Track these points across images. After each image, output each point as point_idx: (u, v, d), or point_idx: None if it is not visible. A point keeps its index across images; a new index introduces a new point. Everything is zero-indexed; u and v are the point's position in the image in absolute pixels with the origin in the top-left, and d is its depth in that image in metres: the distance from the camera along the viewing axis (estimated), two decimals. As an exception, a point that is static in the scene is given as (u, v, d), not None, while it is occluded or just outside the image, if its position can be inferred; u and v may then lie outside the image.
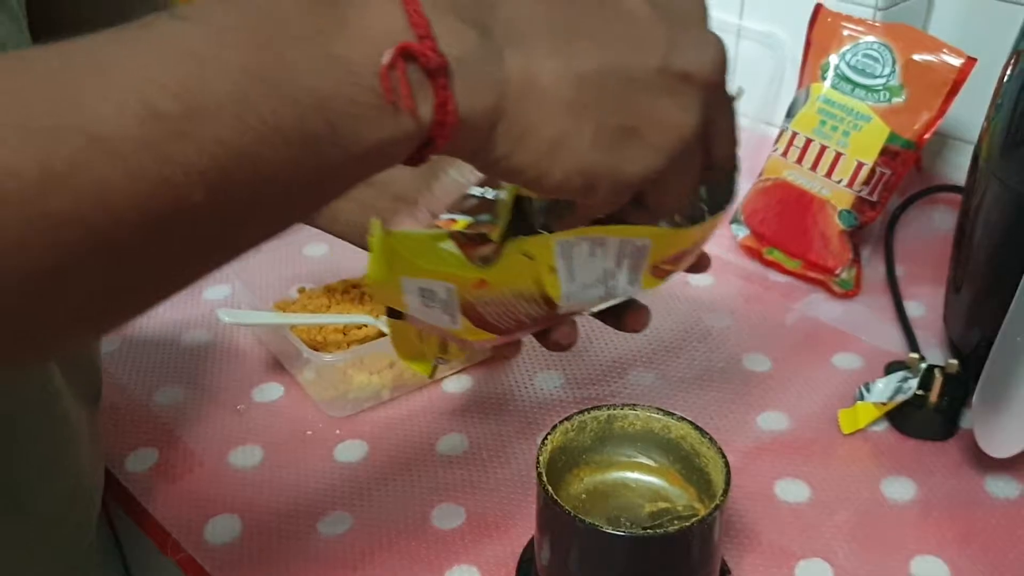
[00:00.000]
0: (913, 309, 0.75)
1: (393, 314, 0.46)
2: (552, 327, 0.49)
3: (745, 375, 0.69)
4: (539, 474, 0.49)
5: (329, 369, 0.65)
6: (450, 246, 0.42)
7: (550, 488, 0.48)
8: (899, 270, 0.79)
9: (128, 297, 0.32)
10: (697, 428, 0.51)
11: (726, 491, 0.48)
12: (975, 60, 0.71)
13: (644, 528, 0.50)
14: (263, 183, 0.30)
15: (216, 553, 0.56)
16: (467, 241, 0.44)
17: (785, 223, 0.78)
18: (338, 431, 0.65)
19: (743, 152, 0.67)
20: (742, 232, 0.81)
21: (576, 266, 0.43)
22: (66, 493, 0.52)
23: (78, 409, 0.53)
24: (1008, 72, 0.59)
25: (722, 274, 0.80)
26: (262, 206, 0.32)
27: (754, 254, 0.81)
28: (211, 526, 0.58)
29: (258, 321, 0.68)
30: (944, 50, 0.72)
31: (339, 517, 0.58)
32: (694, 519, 0.47)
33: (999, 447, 0.57)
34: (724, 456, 0.50)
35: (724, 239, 0.83)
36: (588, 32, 0.35)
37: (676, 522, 0.50)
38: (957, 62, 0.71)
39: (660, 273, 0.47)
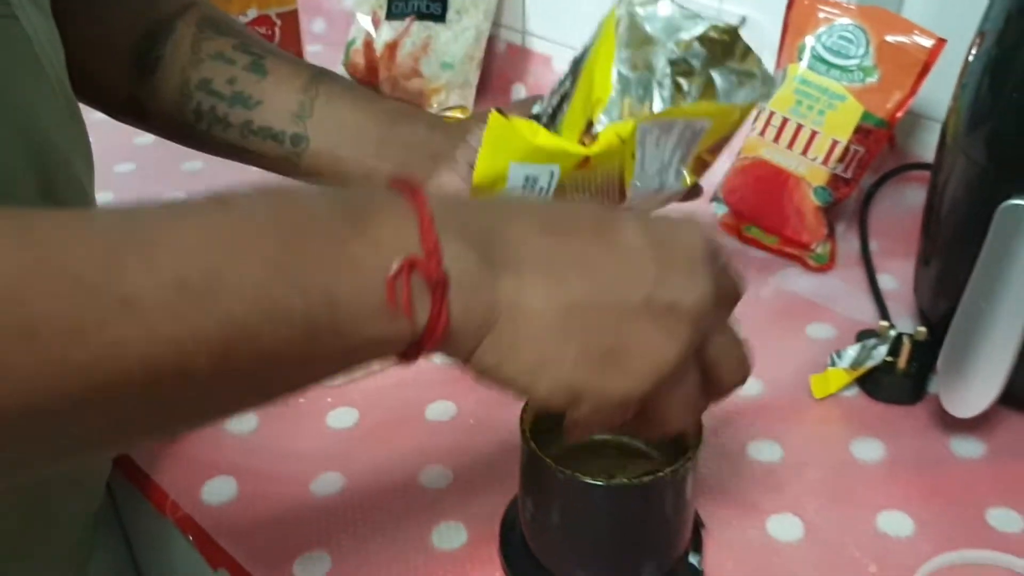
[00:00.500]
0: (886, 282, 0.77)
1: None
2: None
3: (722, 344, 0.72)
4: (523, 430, 0.51)
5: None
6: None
7: (532, 442, 0.51)
8: (873, 245, 0.81)
9: (117, 440, 0.35)
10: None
11: (698, 444, 0.50)
12: (945, 41, 0.74)
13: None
14: (261, 357, 0.33)
15: (213, 513, 0.59)
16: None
17: (762, 200, 0.81)
18: (330, 399, 0.67)
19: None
20: (721, 210, 0.84)
21: (647, 154, 0.51)
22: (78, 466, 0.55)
23: None
24: (973, 52, 0.62)
25: (702, 249, 0.82)
26: (257, 377, 0.35)
27: (733, 231, 0.83)
28: (208, 488, 0.60)
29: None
30: (916, 32, 0.75)
31: (331, 479, 0.61)
32: (668, 469, 0.49)
33: (962, 408, 0.60)
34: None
35: (704, 217, 0.86)
36: (581, 264, 0.39)
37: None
38: (928, 43, 0.74)
39: (699, 167, 0.55)
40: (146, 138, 0.66)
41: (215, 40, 0.61)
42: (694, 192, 0.65)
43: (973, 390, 0.59)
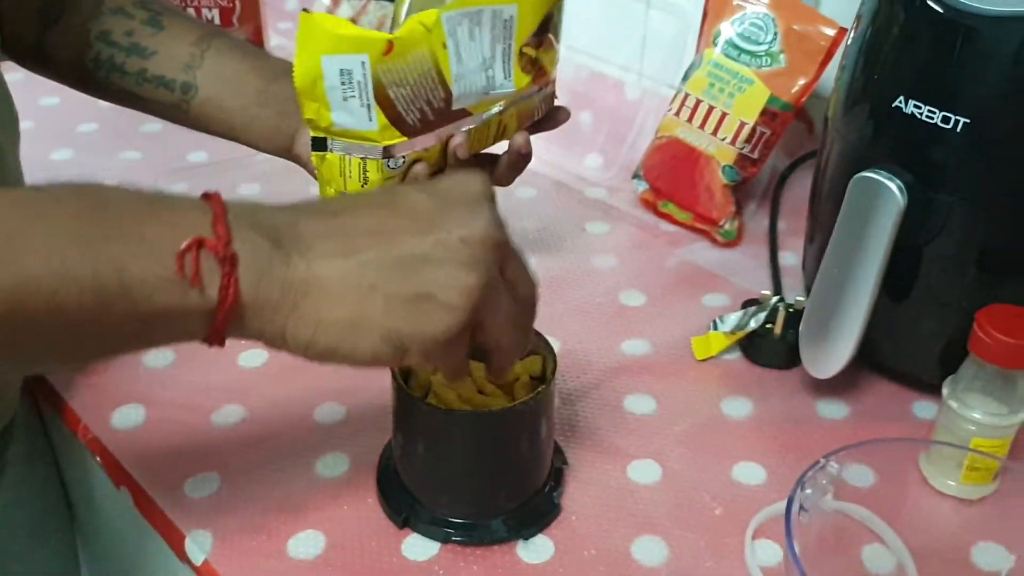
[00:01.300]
0: (787, 259, 0.81)
1: (318, 146, 0.56)
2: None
3: (619, 308, 0.76)
4: (392, 370, 0.56)
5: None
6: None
7: (399, 376, 0.55)
8: (782, 224, 0.85)
9: None
10: (536, 332, 0.58)
11: (552, 379, 0.55)
12: (846, 30, 0.77)
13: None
14: (55, 314, 0.38)
15: (120, 437, 0.63)
16: None
17: (677, 178, 0.85)
18: (243, 341, 0.71)
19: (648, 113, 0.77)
20: (641, 186, 0.88)
21: (462, 47, 0.54)
22: None
23: None
24: (850, 35, 0.66)
25: (618, 223, 0.87)
26: (55, 333, 0.39)
27: (650, 207, 0.88)
28: (118, 414, 0.65)
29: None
30: (821, 21, 0.79)
31: (232, 410, 0.65)
32: (518, 401, 0.54)
33: (821, 369, 0.64)
34: (553, 352, 0.57)
35: (626, 193, 0.90)
36: (368, 231, 0.43)
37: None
38: (831, 32, 0.78)
39: (528, 67, 0.57)
40: (51, 98, 0.71)
41: None
42: (557, 114, 0.70)
43: (830, 352, 0.63)
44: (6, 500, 0.71)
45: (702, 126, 0.83)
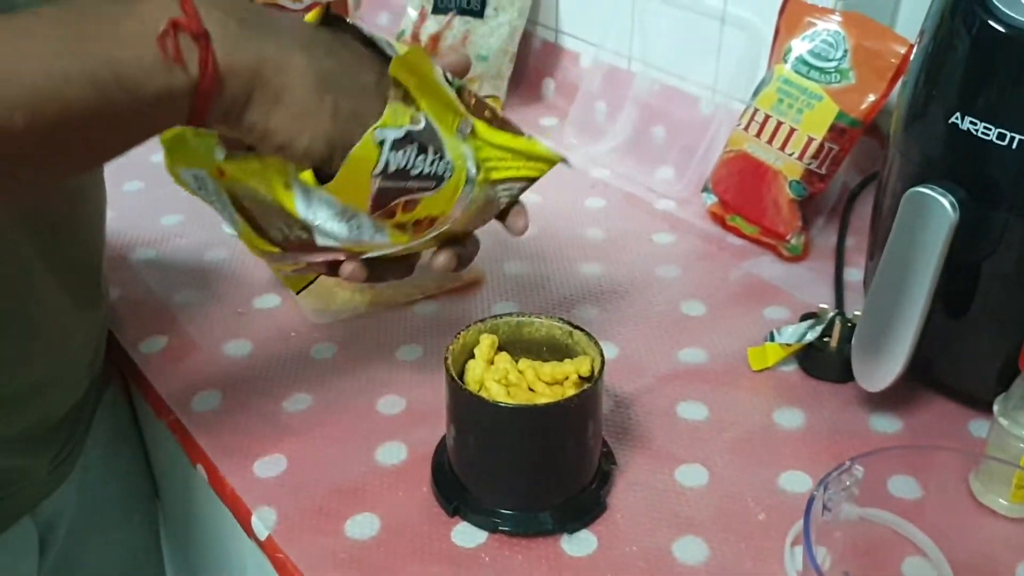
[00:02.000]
0: (853, 275, 0.82)
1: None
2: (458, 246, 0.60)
3: (679, 317, 0.77)
4: (445, 359, 0.59)
5: (317, 285, 0.76)
6: (211, 140, 0.53)
7: (452, 369, 0.58)
8: (850, 241, 0.86)
9: None
10: (586, 332, 0.60)
11: (598, 378, 0.57)
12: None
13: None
14: (65, 115, 0.43)
15: (198, 419, 0.68)
16: (231, 146, 0.54)
17: (745, 191, 0.86)
18: (316, 335, 0.76)
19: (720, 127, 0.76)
20: (710, 199, 0.89)
21: (311, 198, 0.52)
22: (35, 379, 0.64)
23: (70, 309, 0.65)
24: (914, 51, 0.66)
25: (685, 235, 0.88)
26: (71, 133, 0.44)
27: (718, 220, 0.89)
28: (197, 398, 0.70)
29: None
30: (891, 38, 0.79)
31: (301, 398, 0.69)
32: (565, 397, 0.56)
33: (873, 381, 0.64)
34: (602, 353, 0.59)
35: (694, 206, 0.92)
36: (330, 49, 0.50)
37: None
38: (901, 49, 0.78)
39: (397, 227, 0.54)
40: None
41: None
42: (514, 225, 0.62)
43: (881, 365, 0.63)
44: (94, 477, 0.76)
45: (770, 141, 0.84)
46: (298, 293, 0.66)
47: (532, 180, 0.59)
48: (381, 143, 0.49)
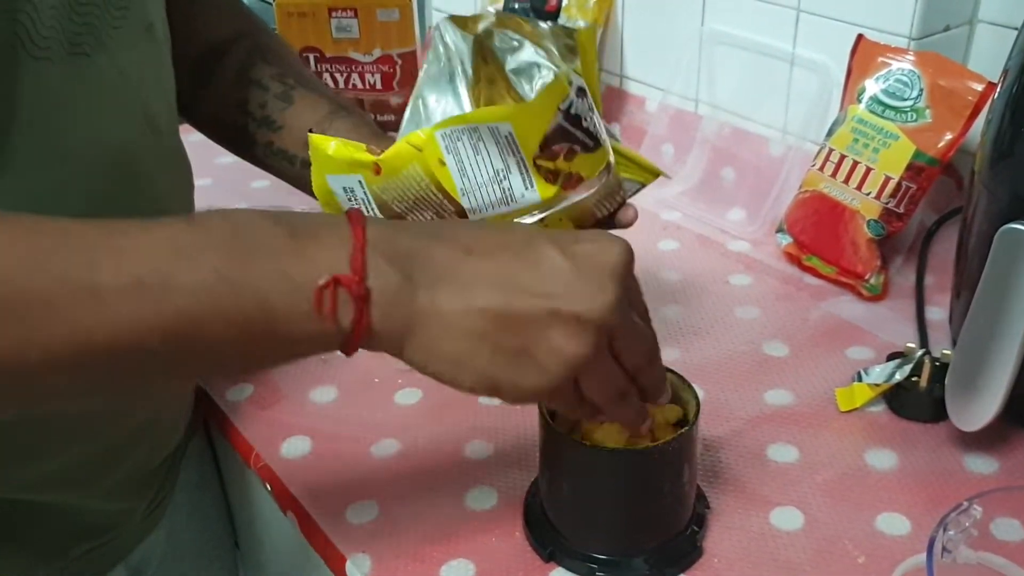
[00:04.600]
0: (934, 313, 0.81)
1: None
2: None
3: (762, 358, 0.77)
4: (540, 407, 0.59)
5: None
6: (356, 145, 0.54)
7: (546, 412, 0.58)
8: (929, 279, 0.85)
9: (77, 395, 0.46)
10: (680, 376, 0.60)
11: (694, 421, 0.57)
12: (995, 85, 0.77)
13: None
14: (207, 345, 0.43)
15: (288, 466, 0.69)
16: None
17: (821, 232, 0.86)
18: (400, 380, 0.76)
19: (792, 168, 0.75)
20: (785, 240, 0.89)
21: (465, 162, 0.52)
22: (138, 425, 0.65)
23: None
24: (997, 89, 0.66)
25: (761, 275, 0.88)
26: (207, 359, 0.45)
27: (794, 260, 0.89)
28: (286, 445, 0.70)
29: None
30: (968, 76, 0.79)
31: (389, 444, 0.70)
32: (661, 441, 0.56)
33: (968, 421, 0.64)
34: (696, 396, 0.58)
35: (769, 246, 0.91)
36: (494, 280, 0.47)
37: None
38: (979, 87, 0.78)
39: (549, 176, 0.54)
40: (227, 158, 0.78)
41: (258, 67, 0.73)
42: (621, 216, 0.65)
43: (977, 405, 0.63)
44: (175, 524, 0.77)
45: (846, 181, 0.84)
46: None
47: (642, 185, 0.60)
48: (570, 83, 0.50)
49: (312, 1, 1.08)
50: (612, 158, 0.57)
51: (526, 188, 0.54)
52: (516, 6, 1.13)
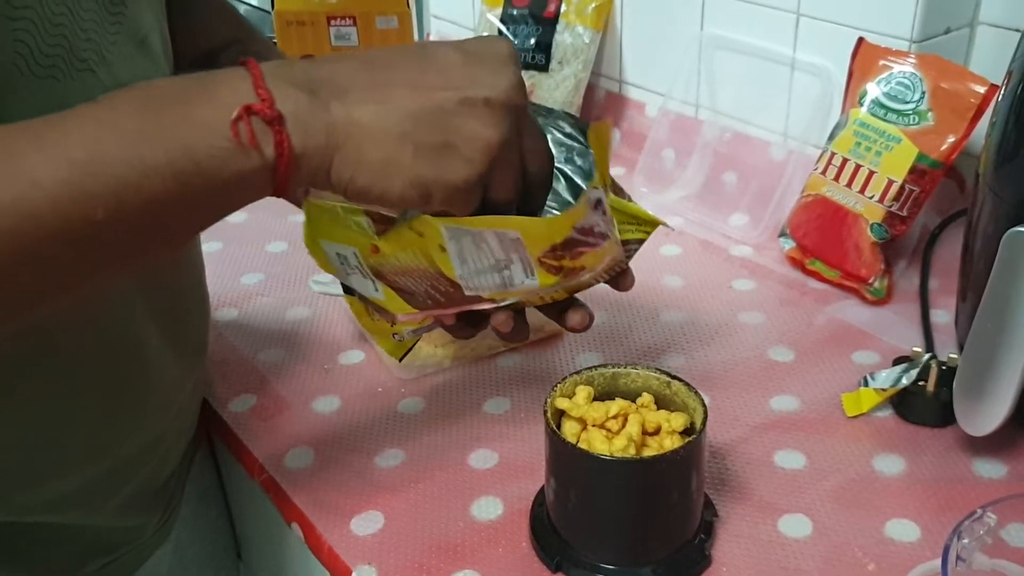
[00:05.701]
0: (939, 317, 0.80)
1: (347, 291, 0.59)
2: (567, 309, 0.60)
3: (767, 364, 0.77)
4: (544, 411, 0.58)
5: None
6: (359, 217, 0.54)
7: (552, 421, 0.58)
8: (933, 283, 0.84)
9: (51, 289, 0.46)
10: (686, 384, 0.60)
11: (702, 429, 0.56)
12: (998, 87, 0.77)
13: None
14: (147, 204, 0.44)
15: (292, 476, 0.68)
16: (379, 219, 0.55)
17: (824, 236, 0.85)
18: (403, 390, 0.76)
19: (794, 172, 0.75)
20: (788, 245, 0.89)
21: (466, 252, 0.52)
22: (145, 442, 0.64)
23: (176, 363, 0.65)
24: (1001, 91, 0.66)
25: (764, 280, 0.88)
26: (152, 220, 0.45)
27: (798, 264, 0.88)
28: (290, 455, 0.70)
29: (337, 292, 0.82)
30: (970, 78, 0.78)
31: (393, 453, 0.69)
32: (670, 450, 0.56)
33: (976, 426, 0.63)
34: (704, 404, 0.58)
35: (772, 251, 0.91)
36: (402, 83, 0.48)
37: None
38: (981, 89, 0.78)
39: (552, 269, 0.53)
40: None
41: None
42: (619, 282, 0.61)
43: (985, 409, 0.62)
44: (180, 537, 0.76)
45: (849, 184, 0.83)
46: (401, 360, 0.68)
47: (641, 242, 0.59)
48: (587, 201, 0.51)
49: (311, 9, 1.08)
50: (620, 249, 0.56)
51: (527, 277, 0.54)
52: (515, 12, 1.13)
